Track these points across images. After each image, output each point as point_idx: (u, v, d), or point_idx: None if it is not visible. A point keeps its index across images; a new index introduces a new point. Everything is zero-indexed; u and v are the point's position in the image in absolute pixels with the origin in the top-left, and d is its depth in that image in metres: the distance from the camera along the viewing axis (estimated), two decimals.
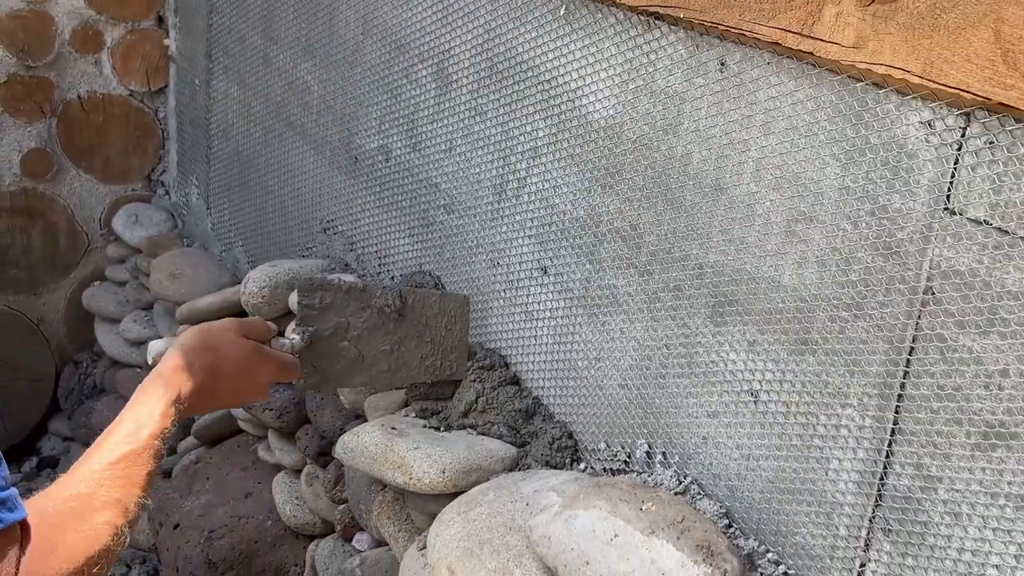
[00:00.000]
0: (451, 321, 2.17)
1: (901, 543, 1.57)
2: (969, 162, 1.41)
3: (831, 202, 1.60)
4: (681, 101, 1.83)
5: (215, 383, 1.62)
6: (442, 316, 2.16)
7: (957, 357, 1.45)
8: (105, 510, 1.29)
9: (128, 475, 1.35)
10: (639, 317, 1.98)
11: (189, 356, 1.59)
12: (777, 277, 1.70)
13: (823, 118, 1.59)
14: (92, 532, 1.25)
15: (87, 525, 1.26)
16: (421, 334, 2.11)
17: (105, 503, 1.29)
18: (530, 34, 2.16)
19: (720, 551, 1.67)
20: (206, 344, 1.64)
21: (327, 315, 1.92)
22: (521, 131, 2.23)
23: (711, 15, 1.67)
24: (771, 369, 1.74)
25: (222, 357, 1.65)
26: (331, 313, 1.93)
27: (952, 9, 1.35)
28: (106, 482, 1.32)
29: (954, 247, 1.44)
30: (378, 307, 2.00)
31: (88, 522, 1.26)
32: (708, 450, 1.88)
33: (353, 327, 1.96)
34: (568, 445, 2.18)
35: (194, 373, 1.57)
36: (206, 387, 1.60)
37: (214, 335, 1.68)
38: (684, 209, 1.85)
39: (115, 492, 1.32)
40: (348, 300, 1.96)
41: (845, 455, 1.63)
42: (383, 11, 2.65)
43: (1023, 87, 1.28)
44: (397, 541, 2.32)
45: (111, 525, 1.28)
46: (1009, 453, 1.41)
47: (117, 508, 1.30)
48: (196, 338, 1.64)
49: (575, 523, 1.74)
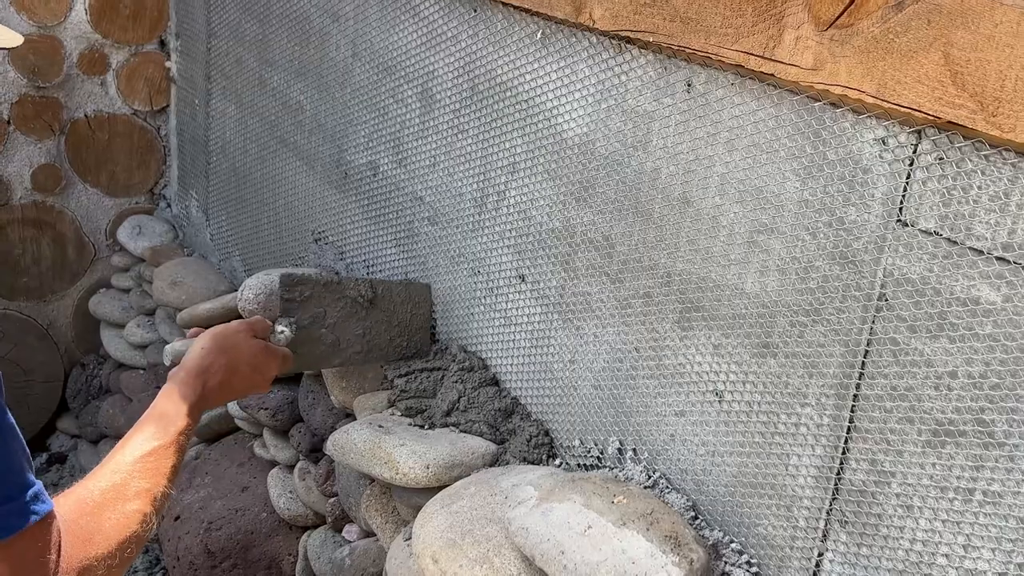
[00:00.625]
0: (415, 306, 2.25)
1: (856, 534, 1.56)
2: (920, 177, 1.41)
3: (791, 214, 1.59)
4: (650, 120, 1.82)
5: (232, 380, 1.71)
6: (408, 303, 2.23)
7: (909, 360, 1.45)
8: (136, 499, 1.33)
9: (156, 467, 1.40)
10: (611, 322, 1.97)
11: (207, 358, 1.68)
12: (740, 285, 1.69)
13: (783, 135, 1.59)
14: (124, 519, 1.29)
15: (120, 513, 1.29)
16: (390, 319, 2.19)
17: (136, 492, 1.33)
18: (509, 57, 2.15)
19: (687, 541, 1.66)
20: (222, 347, 1.72)
21: (307, 306, 1.99)
22: (500, 148, 2.22)
23: (678, 39, 1.66)
24: (734, 371, 1.73)
25: (237, 357, 1.74)
26: (310, 304, 2.00)
27: (904, 33, 1.35)
28: (136, 473, 1.36)
29: (906, 257, 1.44)
30: (351, 297, 2.07)
31: (121, 510, 1.30)
32: (676, 447, 1.87)
33: (330, 316, 2.03)
34: (544, 442, 2.17)
35: (213, 373, 1.67)
36: (224, 384, 1.69)
37: (229, 337, 1.76)
38: (653, 221, 1.84)
39: (145, 483, 1.36)
40: (325, 292, 2.03)
41: (804, 451, 1.63)
42: (371, 35, 2.65)
43: (971, 107, 1.28)
44: (384, 532, 2.31)
45: (141, 512, 1.31)
46: (958, 449, 1.41)
47: (147, 497, 1.34)
48: (213, 341, 1.72)
49: (551, 515, 1.73)
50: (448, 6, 2.32)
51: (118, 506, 1.31)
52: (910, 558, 1.49)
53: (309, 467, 2.74)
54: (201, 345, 1.72)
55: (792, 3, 1.48)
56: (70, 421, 4.26)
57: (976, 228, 1.35)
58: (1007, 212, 1.32)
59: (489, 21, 2.20)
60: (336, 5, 2.79)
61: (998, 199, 1.32)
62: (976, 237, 1.35)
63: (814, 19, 1.45)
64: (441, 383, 2.35)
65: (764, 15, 1.52)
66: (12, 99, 3.87)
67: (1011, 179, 1.31)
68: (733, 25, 1.57)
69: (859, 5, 1.39)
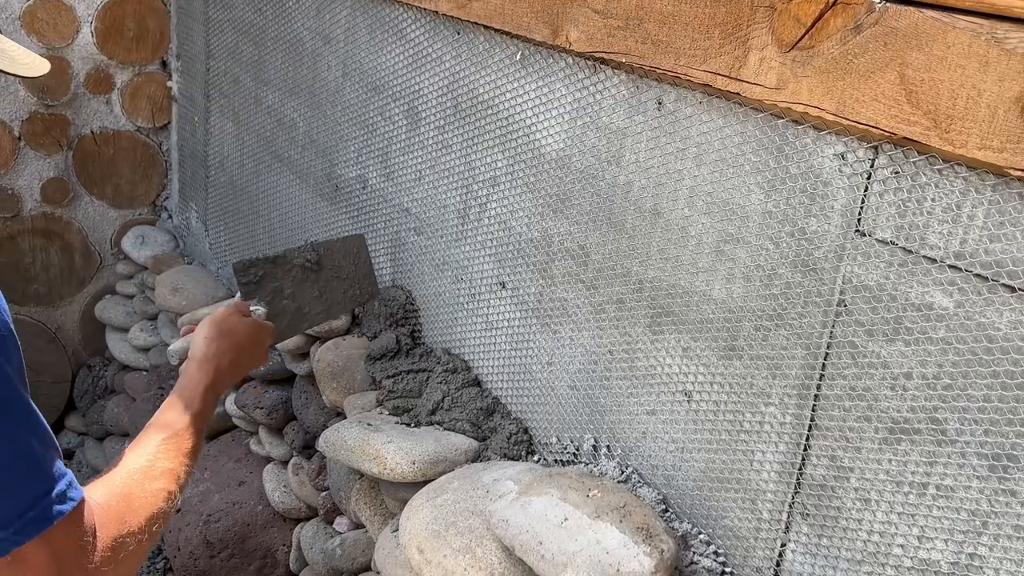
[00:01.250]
0: (356, 257, 2.31)
1: (817, 526, 1.55)
2: (877, 189, 1.40)
3: (755, 225, 1.58)
4: (623, 136, 1.81)
5: (239, 358, 1.74)
6: (348, 256, 2.29)
7: (866, 362, 1.44)
8: (161, 478, 1.34)
9: (177, 448, 1.42)
10: (586, 326, 1.96)
11: (213, 344, 1.70)
12: (708, 291, 1.68)
13: (748, 151, 1.58)
14: (152, 497, 1.30)
15: (147, 491, 1.30)
16: (339, 274, 2.24)
17: (161, 472, 1.35)
18: (490, 77, 2.14)
19: (657, 533, 1.65)
20: (223, 331, 1.74)
21: (264, 284, 2.02)
22: (482, 162, 2.21)
23: (650, 60, 1.65)
24: (702, 372, 1.72)
25: (238, 337, 1.76)
26: (266, 282, 2.03)
27: (862, 55, 1.34)
28: (160, 455, 1.38)
29: (864, 265, 1.43)
30: (299, 265, 2.11)
31: (148, 488, 1.30)
32: (647, 444, 1.86)
33: (286, 287, 2.07)
34: (524, 439, 2.15)
35: (223, 355, 1.69)
36: (234, 363, 1.71)
37: (226, 321, 1.77)
38: (626, 231, 1.83)
39: (168, 463, 1.37)
40: (274, 268, 2.08)
41: (768, 448, 1.62)
42: (360, 56, 2.63)
43: (925, 124, 1.28)
44: (373, 524, 2.29)
45: (166, 490, 1.32)
46: (912, 446, 1.40)
47: (171, 476, 1.35)
48: (214, 328, 1.74)
49: (530, 508, 1.72)
50: (433, 29, 2.31)
51: (145, 485, 1.32)
52: (868, 549, 1.48)
53: (302, 463, 2.73)
54: (203, 335, 1.73)
55: (756, 26, 1.47)
56: (77, 419, 4.25)
57: (930, 238, 1.35)
58: (959, 223, 1.31)
59: (471, 43, 2.18)
60: (328, 28, 2.77)
61: (950, 210, 1.32)
62: (930, 246, 1.35)
63: (777, 41, 1.44)
64: (426, 384, 2.34)
65: (730, 38, 1.52)
66: (23, 116, 3.84)
67: (962, 192, 1.30)
68: (701, 47, 1.56)
69: (820, 28, 1.39)
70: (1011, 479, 1.30)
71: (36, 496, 1.11)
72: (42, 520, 1.11)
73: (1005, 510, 1.31)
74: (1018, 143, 1.19)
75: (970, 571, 1.36)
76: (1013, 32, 1.19)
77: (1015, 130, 1.19)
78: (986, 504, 1.33)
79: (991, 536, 1.33)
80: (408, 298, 2.53)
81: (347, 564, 2.42)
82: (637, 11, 1.67)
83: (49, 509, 1.12)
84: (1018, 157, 1.19)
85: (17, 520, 1.09)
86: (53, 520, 1.11)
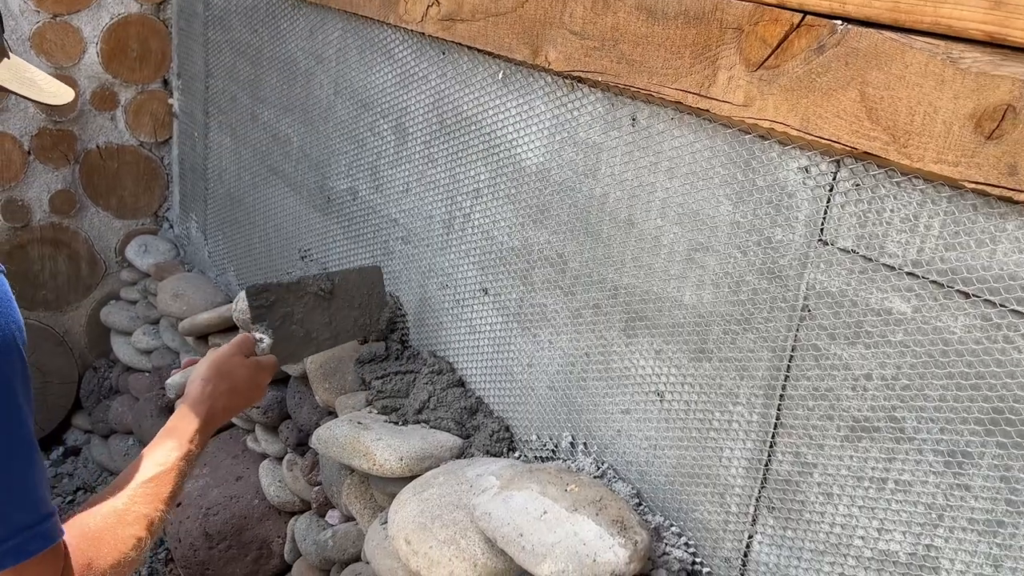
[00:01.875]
0: (371, 287, 2.26)
1: (782, 518, 1.54)
2: (839, 201, 1.39)
3: (724, 234, 1.57)
4: (599, 150, 1.80)
5: (234, 401, 1.68)
6: (363, 286, 2.24)
7: (829, 364, 1.43)
8: (134, 524, 1.30)
9: (156, 493, 1.37)
10: (564, 330, 1.95)
11: (209, 386, 1.63)
12: (679, 297, 1.67)
13: (717, 164, 1.56)
14: (122, 544, 1.26)
15: (118, 537, 1.26)
16: (350, 303, 2.20)
17: (135, 518, 1.31)
18: (473, 95, 2.12)
19: (632, 525, 1.64)
20: (221, 373, 1.68)
21: (275, 309, 1.98)
22: (466, 175, 2.19)
23: (624, 79, 1.64)
24: (674, 373, 1.71)
25: (235, 380, 1.69)
26: (277, 307, 1.99)
27: (825, 74, 1.33)
28: (138, 499, 1.34)
29: (827, 272, 1.42)
30: (313, 292, 2.07)
31: (120, 535, 1.27)
32: (622, 441, 1.85)
33: (296, 312, 2.03)
34: (505, 437, 2.14)
35: (218, 398, 1.63)
36: (227, 407, 1.66)
37: (224, 362, 1.71)
38: (602, 240, 1.82)
39: (144, 508, 1.33)
40: (287, 294, 2.04)
41: (736, 445, 1.61)
42: (351, 75, 2.62)
43: (884, 139, 1.27)
44: (363, 517, 2.28)
45: (135, 537, 1.29)
46: (872, 443, 1.39)
47: (143, 522, 1.31)
48: (212, 369, 1.67)
49: (511, 502, 1.71)
50: (419, 49, 2.30)
51: (117, 531, 1.28)
52: (830, 540, 1.47)
53: (296, 459, 2.72)
54: (201, 376, 1.67)
55: (725, 47, 1.46)
56: (84, 418, 4.22)
57: (888, 247, 1.34)
58: (916, 232, 1.30)
59: (456, 63, 2.17)
60: (320, 49, 2.75)
61: (908, 221, 1.31)
62: (889, 255, 1.34)
63: (745, 61, 1.43)
64: (413, 384, 2.33)
65: (700, 58, 1.51)
66: (32, 132, 3.82)
67: (920, 203, 1.29)
68: (673, 66, 1.55)
69: (785, 48, 1.38)
70: (965, 474, 1.29)
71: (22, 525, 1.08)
72: (21, 552, 1.08)
73: (960, 504, 1.31)
74: (972, 157, 1.18)
75: (927, 562, 1.35)
76: (967, 52, 1.18)
77: (969, 145, 1.19)
78: (942, 498, 1.32)
79: (946, 528, 1.32)
80: (396, 303, 2.52)
81: (338, 555, 2.41)
82: (613, 33, 1.66)
83: (31, 542, 1.09)
84: (972, 170, 1.19)
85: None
86: (32, 554, 1.09)
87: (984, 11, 1.16)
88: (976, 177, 1.18)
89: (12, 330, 1.07)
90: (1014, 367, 1.23)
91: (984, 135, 1.17)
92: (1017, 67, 1.14)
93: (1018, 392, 1.23)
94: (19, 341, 1.08)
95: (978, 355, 1.26)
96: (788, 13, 1.37)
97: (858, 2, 1.29)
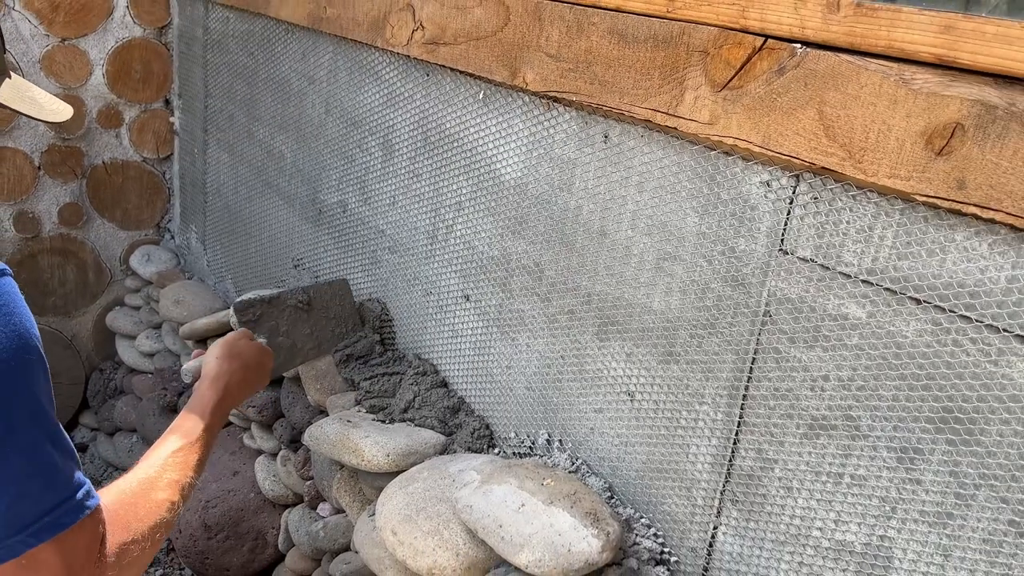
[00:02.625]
0: (341, 299, 2.28)
1: (745, 511, 1.52)
2: (799, 213, 1.37)
3: (691, 244, 1.56)
4: (574, 166, 1.78)
5: (247, 376, 1.71)
6: (335, 297, 2.26)
7: (789, 365, 1.42)
8: (167, 489, 1.30)
9: (185, 461, 1.38)
10: (541, 334, 1.93)
11: (224, 364, 1.68)
12: (648, 303, 1.65)
13: (684, 179, 1.55)
14: (156, 507, 1.25)
15: (153, 501, 1.25)
16: (327, 314, 2.23)
17: (168, 483, 1.31)
18: (456, 114, 2.10)
19: (604, 517, 1.62)
20: (233, 353, 1.72)
21: (262, 323, 2.00)
22: (449, 189, 2.17)
23: (597, 99, 1.62)
24: (644, 375, 1.69)
25: (246, 358, 1.74)
26: (264, 320, 2.00)
27: (785, 94, 1.31)
28: (168, 467, 1.34)
29: (787, 279, 1.40)
30: (292, 305, 2.08)
31: (154, 499, 1.26)
32: (595, 438, 1.83)
33: (281, 325, 2.03)
34: (486, 434, 2.12)
35: (233, 374, 1.67)
36: (241, 382, 1.68)
37: (234, 344, 1.76)
38: (576, 250, 1.80)
39: (174, 474, 1.33)
40: (271, 308, 2.05)
41: (702, 442, 1.59)
42: (341, 95, 2.60)
43: (841, 155, 1.25)
44: (352, 509, 2.26)
45: (169, 501, 1.28)
46: (829, 440, 1.38)
47: (175, 487, 1.31)
48: (224, 349, 1.73)
49: (491, 495, 1.69)
50: (405, 71, 2.28)
51: (151, 495, 1.27)
52: (790, 531, 1.46)
53: (289, 455, 2.70)
54: (215, 355, 1.71)
55: (692, 69, 1.45)
56: (91, 417, 4.18)
57: (845, 256, 1.32)
58: (871, 243, 1.29)
59: (439, 84, 2.15)
60: (312, 70, 2.73)
61: (863, 232, 1.29)
62: (845, 263, 1.32)
63: (710, 82, 1.42)
64: (399, 385, 2.31)
65: (668, 79, 1.49)
66: (42, 148, 3.78)
67: (874, 215, 1.28)
68: (643, 87, 1.54)
69: (747, 70, 1.36)
70: (917, 469, 1.28)
71: (54, 503, 1.05)
72: (57, 525, 1.05)
73: (911, 497, 1.29)
74: (923, 172, 1.17)
75: (880, 551, 1.34)
76: (919, 74, 1.17)
77: (920, 160, 1.17)
78: (895, 492, 1.31)
79: (899, 520, 1.31)
80: (383, 309, 2.49)
81: (329, 545, 2.40)
82: (586, 55, 1.64)
83: (65, 515, 1.06)
84: (923, 184, 1.17)
85: (34, 524, 1.04)
86: (67, 525, 1.06)
87: (934, 35, 1.15)
88: (927, 191, 1.17)
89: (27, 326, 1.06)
90: (962, 369, 1.22)
91: (934, 151, 1.16)
92: (965, 88, 1.13)
93: (966, 392, 1.22)
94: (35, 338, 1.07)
95: (929, 357, 1.25)
96: (751, 37, 1.35)
97: (816, 27, 1.28)
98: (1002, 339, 1.17)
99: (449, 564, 1.68)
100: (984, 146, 1.11)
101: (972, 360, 1.21)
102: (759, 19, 1.35)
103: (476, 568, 1.69)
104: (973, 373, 1.21)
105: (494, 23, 1.84)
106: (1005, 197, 1.10)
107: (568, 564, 1.54)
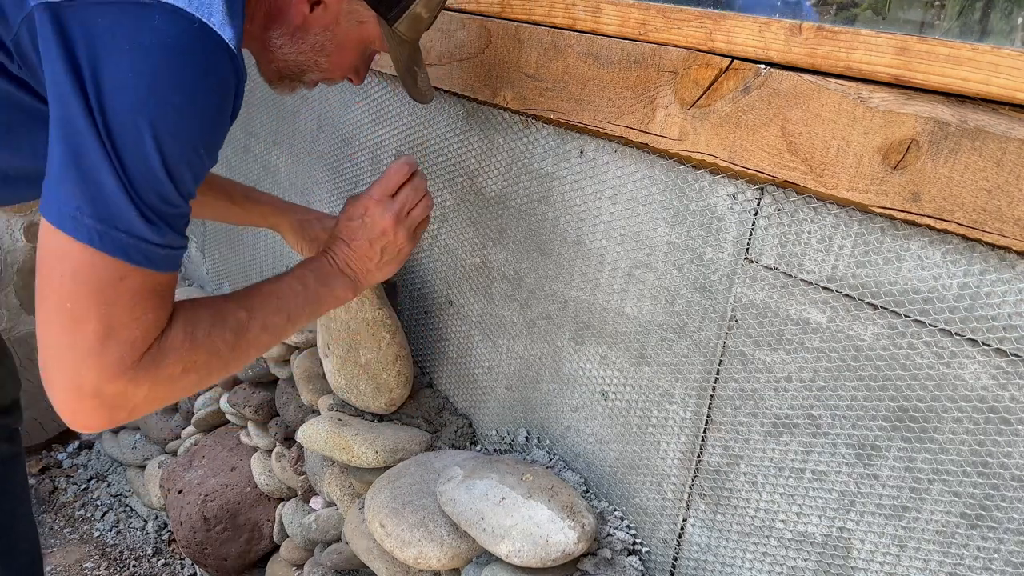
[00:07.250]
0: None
1: (713, 504, 1.51)
2: (763, 224, 1.36)
3: (661, 253, 1.54)
4: (551, 179, 1.76)
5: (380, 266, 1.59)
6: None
7: (754, 367, 1.40)
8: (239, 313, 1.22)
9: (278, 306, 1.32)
10: (520, 338, 1.91)
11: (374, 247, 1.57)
12: (622, 308, 1.63)
13: (656, 191, 1.53)
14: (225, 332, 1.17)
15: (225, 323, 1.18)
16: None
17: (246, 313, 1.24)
18: (441, 130, 2.08)
19: (580, 510, 1.60)
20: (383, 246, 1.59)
21: None
22: (434, 201, 2.15)
23: (573, 116, 1.61)
24: (617, 376, 1.67)
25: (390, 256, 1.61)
26: None
27: (750, 111, 1.30)
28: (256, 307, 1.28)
29: (752, 286, 1.39)
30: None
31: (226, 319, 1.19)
32: (571, 436, 1.81)
33: None
34: (468, 432, 2.10)
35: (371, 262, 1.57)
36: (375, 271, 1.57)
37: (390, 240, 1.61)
38: (553, 258, 1.78)
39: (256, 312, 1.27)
40: None
41: (672, 439, 1.57)
42: (332, 113, 2.57)
43: (803, 169, 1.24)
44: (343, 503, 2.23)
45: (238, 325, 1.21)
46: (792, 438, 1.36)
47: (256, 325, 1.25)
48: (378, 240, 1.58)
49: (473, 489, 1.67)
50: (393, 90, 2.26)
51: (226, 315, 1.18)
52: (755, 523, 1.44)
53: (284, 452, 2.67)
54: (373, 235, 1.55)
55: (662, 88, 1.43)
56: None
57: (806, 264, 1.31)
58: (831, 252, 1.27)
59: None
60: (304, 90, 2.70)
61: (824, 241, 1.28)
62: (806, 271, 1.31)
63: (679, 101, 1.40)
64: None
65: (640, 98, 1.47)
66: None
67: (834, 226, 1.26)
68: (616, 105, 1.52)
69: (715, 90, 1.34)
70: (874, 465, 1.27)
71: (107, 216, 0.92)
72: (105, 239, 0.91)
73: (869, 491, 1.28)
74: (880, 185, 1.16)
75: (840, 542, 1.32)
76: (876, 93, 1.16)
77: (877, 174, 1.16)
78: (853, 486, 1.30)
79: (857, 513, 1.30)
80: None
81: (321, 536, 2.37)
82: (563, 75, 1.62)
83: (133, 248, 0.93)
84: (880, 197, 1.16)
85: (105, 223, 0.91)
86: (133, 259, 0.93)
87: (890, 56, 1.14)
88: (884, 203, 1.16)
89: None
90: (917, 371, 1.20)
91: (891, 166, 1.14)
92: (920, 106, 1.12)
93: (920, 392, 1.20)
94: None
95: (885, 360, 1.23)
96: (718, 58, 1.34)
97: (780, 48, 1.26)
98: (954, 342, 1.16)
99: (434, 554, 1.66)
100: (937, 161, 1.10)
101: (926, 362, 1.19)
102: (726, 41, 1.33)
103: (459, 558, 1.66)
104: (927, 375, 1.19)
105: (476, 45, 1.82)
106: (957, 209, 1.09)
107: (546, 554, 1.52)
